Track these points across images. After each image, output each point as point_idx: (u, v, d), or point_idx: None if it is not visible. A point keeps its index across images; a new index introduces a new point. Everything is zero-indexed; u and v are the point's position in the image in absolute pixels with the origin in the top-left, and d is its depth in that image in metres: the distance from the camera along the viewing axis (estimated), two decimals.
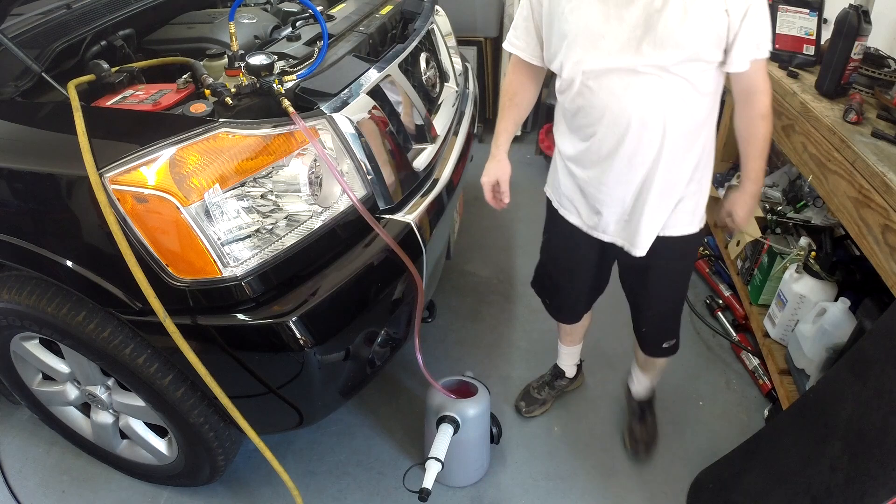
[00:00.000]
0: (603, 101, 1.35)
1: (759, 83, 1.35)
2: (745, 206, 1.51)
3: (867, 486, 1.25)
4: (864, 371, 1.37)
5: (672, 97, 1.31)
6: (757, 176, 1.47)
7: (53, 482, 1.88)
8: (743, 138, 1.43)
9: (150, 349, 1.41)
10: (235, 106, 1.35)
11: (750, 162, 1.45)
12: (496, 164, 1.61)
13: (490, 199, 1.64)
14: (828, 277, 1.95)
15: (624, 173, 1.42)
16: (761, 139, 1.40)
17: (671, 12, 1.22)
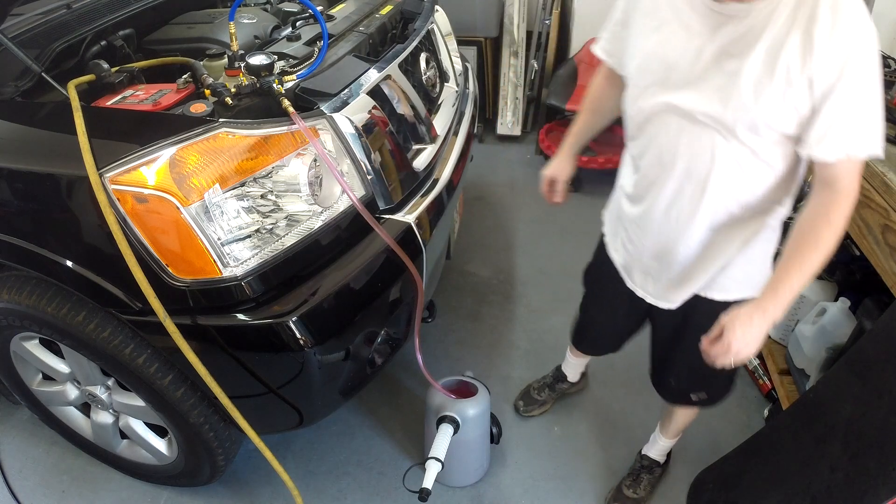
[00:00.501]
0: (654, 134, 1.22)
1: (842, 183, 1.06)
2: (748, 326, 1.10)
3: (867, 486, 1.25)
4: (864, 371, 1.37)
5: (727, 159, 1.14)
6: (784, 293, 1.10)
7: (53, 482, 1.88)
8: (794, 236, 1.11)
9: (150, 349, 1.41)
10: (235, 106, 1.35)
11: (785, 271, 1.10)
12: (556, 162, 1.57)
13: (544, 191, 1.61)
14: (828, 277, 1.95)
15: (661, 222, 1.28)
16: (814, 248, 1.08)
17: (750, 64, 1.05)
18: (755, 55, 1.05)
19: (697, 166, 1.17)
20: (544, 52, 3.58)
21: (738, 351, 1.12)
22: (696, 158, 1.17)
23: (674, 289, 1.37)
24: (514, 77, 3.60)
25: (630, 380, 2.21)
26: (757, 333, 1.11)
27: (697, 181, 1.19)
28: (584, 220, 3.03)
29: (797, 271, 1.09)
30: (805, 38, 1.00)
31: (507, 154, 3.64)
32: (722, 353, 1.14)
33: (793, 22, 1.02)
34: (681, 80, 1.14)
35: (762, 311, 1.11)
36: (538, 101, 3.70)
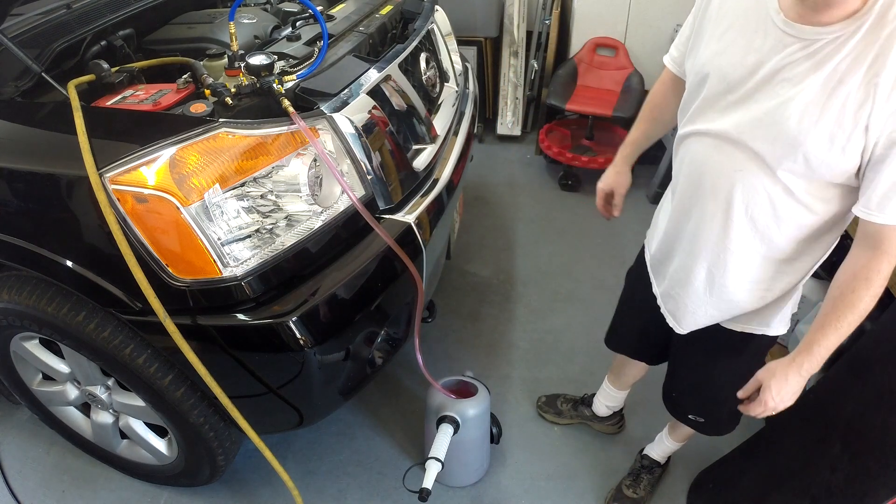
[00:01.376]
0: (691, 146, 1.20)
1: (888, 245, 1.02)
2: (783, 383, 1.13)
3: (867, 486, 1.25)
4: (864, 371, 1.37)
5: (757, 188, 1.09)
6: (819, 352, 1.10)
7: (53, 482, 1.88)
8: (831, 293, 1.10)
9: (150, 349, 1.41)
10: (235, 106, 1.35)
11: (820, 330, 1.10)
12: (613, 173, 1.51)
13: (600, 206, 1.55)
14: (828, 277, 1.95)
15: (690, 242, 1.25)
16: (850, 308, 1.07)
17: (804, 93, 0.99)
18: (811, 84, 0.99)
19: (724, 187, 1.13)
20: (544, 52, 3.58)
21: (774, 407, 1.15)
22: (723, 178, 1.13)
23: (691, 311, 1.32)
24: (514, 77, 3.60)
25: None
26: (792, 390, 1.14)
27: (723, 205, 1.14)
28: (583, 220, 3.03)
29: (833, 331, 1.09)
30: (868, 80, 0.95)
31: (507, 154, 3.64)
32: (758, 409, 1.17)
33: (860, 59, 0.95)
34: (730, 94, 1.10)
35: (797, 369, 1.12)
36: (538, 101, 3.70)
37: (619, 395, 1.92)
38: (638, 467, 1.85)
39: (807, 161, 1.02)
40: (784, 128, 1.02)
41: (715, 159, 1.14)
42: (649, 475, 1.84)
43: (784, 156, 1.04)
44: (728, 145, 1.11)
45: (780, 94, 1.03)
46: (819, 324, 1.11)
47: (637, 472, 1.84)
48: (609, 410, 1.97)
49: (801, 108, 1.00)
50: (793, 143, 1.02)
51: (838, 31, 0.97)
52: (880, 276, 1.04)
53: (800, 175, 1.05)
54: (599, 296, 2.55)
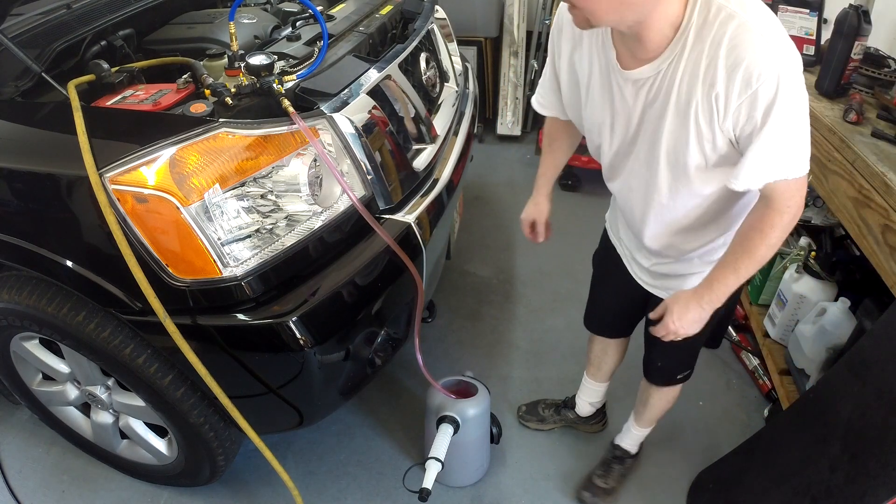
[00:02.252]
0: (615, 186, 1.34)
1: (777, 201, 1.10)
2: (685, 311, 1.23)
3: (867, 486, 1.25)
4: (864, 371, 1.37)
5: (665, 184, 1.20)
6: (718, 288, 1.19)
7: (53, 482, 1.88)
8: (733, 240, 1.19)
9: (150, 349, 1.41)
10: (235, 106, 1.35)
11: (720, 270, 1.19)
12: (533, 206, 1.60)
13: (527, 234, 1.63)
14: (828, 277, 1.95)
15: (629, 213, 1.37)
16: (747, 255, 1.15)
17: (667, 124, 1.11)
18: (669, 117, 1.09)
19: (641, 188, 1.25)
20: (544, 52, 3.58)
21: (675, 331, 1.26)
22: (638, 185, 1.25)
23: (658, 279, 1.43)
24: (514, 77, 3.60)
25: (630, 380, 2.21)
26: (692, 318, 1.24)
27: (646, 186, 1.24)
28: (583, 220, 3.03)
29: (732, 272, 1.18)
30: (706, 92, 1.03)
31: (507, 154, 3.64)
32: (661, 331, 1.28)
33: (694, 74, 1.03)
34: (621, 147, 1.24)
35: (697, 300, 1.23)
36: None
37: (600, 388, 1.93)
38: (609, 458, 1.87)
39: (697, 169, 1.13)
40: (664, 156, 1.14)
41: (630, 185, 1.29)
42: (620, 465, 1.85)
43: (678, 171, 1.16)
44: (639, 184, 1.25)
45: (650, 133, 1.15)
46: (721, 264, 1.20)
47: (608, 462, 1.86)
48: (592, 408, 1.98)
49: (669, 138, 1.12)
50: (677, 163, 1.14)
51: (666, 59, 1.06)
52: (773, 229, 1.11)
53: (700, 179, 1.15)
54: None
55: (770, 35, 0.97)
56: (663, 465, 1.92)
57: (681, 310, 1.24)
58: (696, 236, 1.31)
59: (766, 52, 0.97)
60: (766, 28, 0.97)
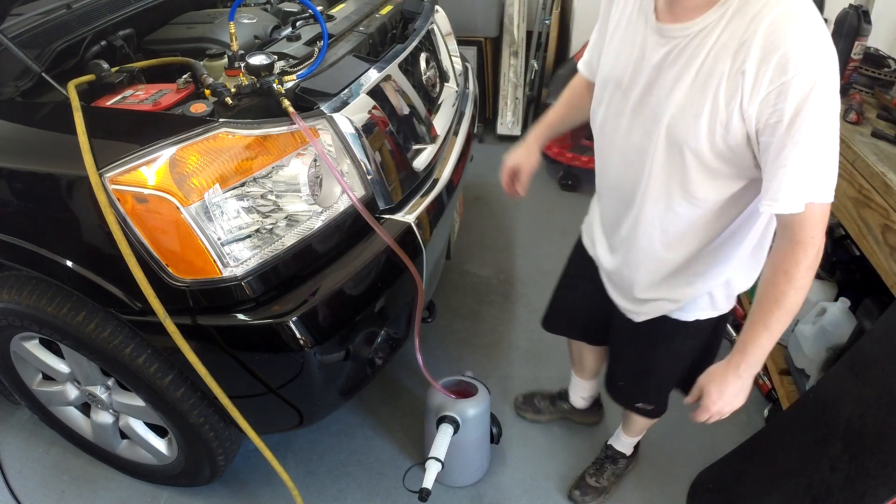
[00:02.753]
0: (605, 133, 1.24)
1: (800, 233, 0.99)
2: (723, 386, 1.13)
3: (867, 486, 1.25)
4: (864, 371, 1.37)
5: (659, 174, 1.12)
6: (754, 352, 1.09)
7: (53, 482, 1.88)
8: (759, 291, 1.09)
9: (150, 349, 1.41)
10: (235, 106, 1.35)
11: (751, 330, 1.09)
12: (524, 151, 1.49)
13: (505, 183, 1.52)
14: (828, 277, 1.95)
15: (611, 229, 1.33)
16: (776, 306, 1.04)
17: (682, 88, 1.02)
18: (684, 83, 1.02)
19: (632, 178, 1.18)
20: (544, 52, 3.58)
21: (719, 411, 1.14)
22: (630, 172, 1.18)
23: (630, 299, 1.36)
24: (514, 77, 3.60)
25: None
26: (734, 391, 1.13)
27: (632, 191, 1.19)
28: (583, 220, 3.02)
29: (763, 329, 1.07)
30: (735, 69, 0.95)
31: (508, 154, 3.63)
32: (703, 415, 1.16)
33: (725, 49, 0.96)
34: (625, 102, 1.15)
35: (734, 370, 1.12)
36: (538, 101, 3.69)
37: (588, 384, 1.92)
38: (602, 457, 1.85)
39: (696, 155, 1.04)
40: (667, 129, 1.06)
41: (619, 168, 1.21)
42: (613, 465, 1.83)
43: (674, 154, 1.07)
44: (631, 153, 1.16)
45: (660, 98, 1.06)
46: (750, 322, 1.10)
47: (601, 461, 1.84)
48: (586, 402, 1.97)
49: (677, 109, 1.03)
50: (677, 141, 1.05)
51: (701, 22, 0.99)
52: (798, 267, 1.00)
53: (696, 174, 1.07)
54: None
55: (816, 29, 0.90)
56: (663, 465, 1.92)
57: (719, 387, 1.13)
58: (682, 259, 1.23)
59: (809, 44, 0.89)
60: (812, 21, 0.91)
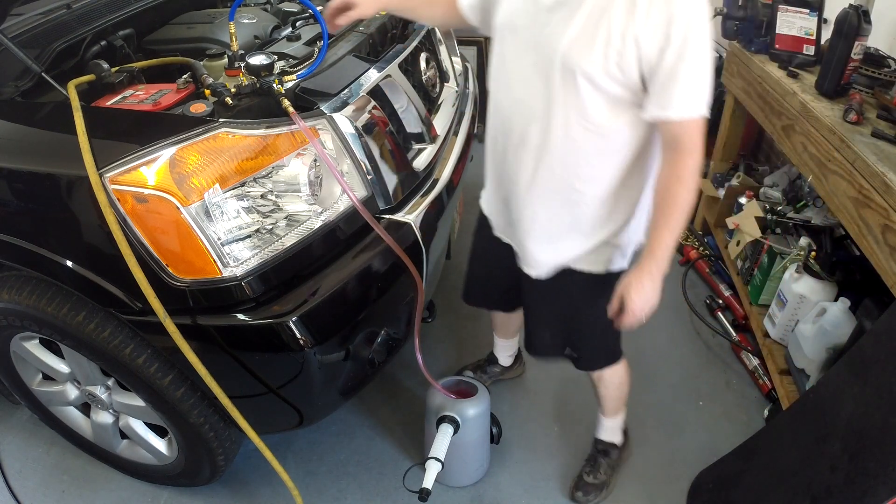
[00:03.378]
0: (501, 82, 1.30)
1: (685, 142, 1.15)
2: (640, 290, 1.25)
3: (867, 486, 1.25)
4: (864, 371, 1.37)
5: (557, 112, 1.20)
6: (661, 253, 1.23)
7: (53, 482, 1.88)
8: (655, 201, 1.24)
9: (150, 349, 1.41)
10: (235, 106, 1.35)
11: (655, 233, 1.23)
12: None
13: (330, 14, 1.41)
14: (828, 277, 1.95)
15: (508, 179, 1.36)
16: (674, 207, 1.19)
17: (577, 21, 1.12)
18: (579, 18, 1.12)
19: (526, 128, 1.24)
20: None
21: (640, 312, 1.28)
22: (523, 120, 1.25)
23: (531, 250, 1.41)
24: None
25: None
26: (651, 292, 1.26)
27: (532, 128, 1.24)
28: None
29: (666, 231, 1.21)
30: (629, 3, 1.07)
31: None
32: (629, 319, 1.29)
33: None
34: (520, 42, 1.23)
35: (647, 273, 1.25)
36: None
37: (512, 342, 2.09)
38: (594, 453, 1.86)
39: (590, 80, 1.14)
40: (559, 54, 1.14)
41: (516, 106, 1.26)
42: (606, 458, 1.84)
43: (567, 80, 1.16)
44: (529, 89, 1.22)
45: (554, 34, 1.15)
46: (653, 229, 1.24)
47: (594, 457, 1.85)
48: (511, 358, 2.14)
49: (571, 39, 1.12)
50: (568, 68, 1.14)
51: None
52: (688, 171, 1.16)
53: (590, 99, 1.16)
54: None
55: None
56: (663, 465, 1.92)
57: (637, 290, 1.26)
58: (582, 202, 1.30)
59: None
60: None
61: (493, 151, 1.41)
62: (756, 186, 2.47)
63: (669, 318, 2.48)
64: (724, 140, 2.69)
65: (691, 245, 2.77)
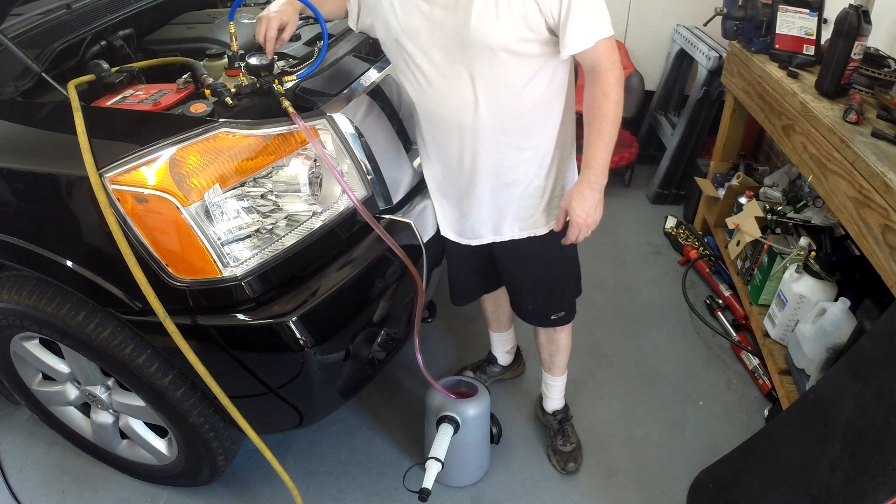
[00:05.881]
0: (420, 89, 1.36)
1: (602, 63, 1.29)
2: (582, 200, 1.36)
3: (867, 486, 1.25)
4: (864, 371, 1.37)
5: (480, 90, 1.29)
6: (598, 164, 1.34)
7: (53, 482, 1.88)
8: (586, 120, 1.35)
9: (150, 349, 1.41)
10: (235, 106, 1.35)
11: (591, 147, 1.34)
12: (287, 7, 1.43)
13: (261, 35, 1.40)
14: (828, 277, 1.95)
15: (455, 171, 1.43)
16: (603, 120, 1.31)
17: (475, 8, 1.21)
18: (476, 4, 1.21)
19: (457, 104, 1.31)
20: None
21: (586, 223, 1.39)
22: (454, 98, 1.31)
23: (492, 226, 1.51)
24: None
25: (629, 378, 2.21)
26: (593, 202, 1.37)
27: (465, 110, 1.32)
28: None
29: (601, 142, 1.32)
30: None
31: None
32: (576, 231, 1.40)
33: None
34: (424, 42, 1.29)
35: (587, 185, 1.36)
36: None
37: (507, 336, 2.09)
38: (556, 425, 1.95)
39: (509, 51, 1.24)
40: (472, 38, 1.22)
41: (442, 101, 1.33)
42: (568, 423, 1.96)
43: (485, 58, 1.25)
44: (445, 80, 1.30)
45: (458, 20, 1.23)
46: (587, 144, 1.35)
47: (562, 429, 1.94)
48: (510, 356, 2.15)
49: (477, 20, 1.21)
50: (484, 46, 1.23)
51: None
52: (612, 86, 1.29)
53: (513, 65, 1.26)
54: (599, 296, 2.55)
55: None
56: (663, 465, 1.93)
57: (579, 203, 1.36)
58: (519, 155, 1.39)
59: None
60: None
61: (429, 151, 1.48)
62: (756, 186, 2.47)
63: (669, 318, 2.48)
64: (724, 140, 2.69)
65: (691, 245, 2.77)
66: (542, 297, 1.68)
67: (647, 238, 2.95)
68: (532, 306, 1.71)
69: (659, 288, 2.65)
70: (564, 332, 1.81)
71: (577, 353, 2.30)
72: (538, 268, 1.61)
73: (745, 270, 2.35)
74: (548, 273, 1.63)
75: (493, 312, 2.00)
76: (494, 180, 1.42)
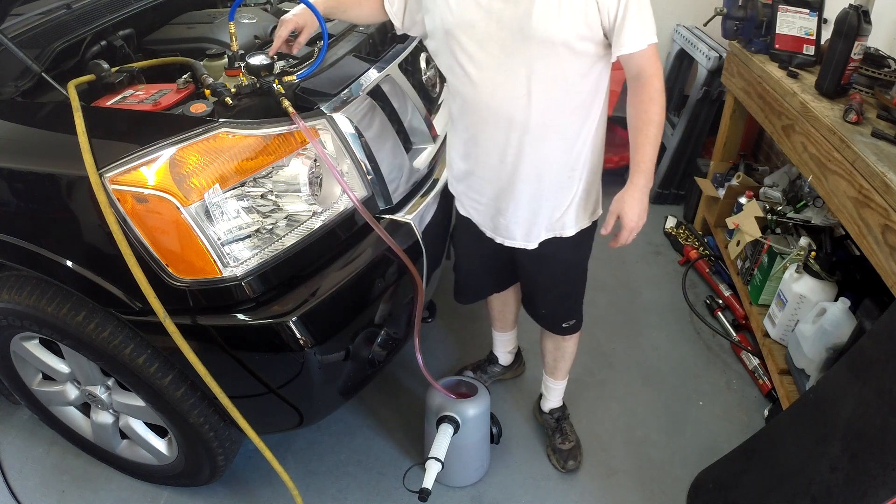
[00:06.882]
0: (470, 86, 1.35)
1: (647, 68, 1.32)
2: (635, 205, 1.38)
3: (867, 486, 1.25)
4: (864, 371, 1.37)
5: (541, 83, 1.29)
6: (647, 167, 1.37)
7: (53, 482, 1.88)
8: (633, 125, 1.37)
9: (150, 349, 1.41)
10: (235, 106, 1.35)
11: (640, 151, 1.36)
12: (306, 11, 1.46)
13: (279, 44, 1.46)
14: (828, 277, 1.95)
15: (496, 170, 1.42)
16: (650, 124, 1.33)
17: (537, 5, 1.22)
18: None
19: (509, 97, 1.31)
20: None
21: (637, 226, 1.40)
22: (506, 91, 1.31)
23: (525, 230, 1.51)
24: None
25: (629, 378, 2.21)
26: (644, 206, 1.39)
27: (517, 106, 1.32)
28: None
29: (648, 145, 1.35)
30: None
31: None
32: (625, 234, 1.41)
33: None
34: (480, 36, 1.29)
35: (637, 187, 1.38)
36: None
37: (510, 336, 2.09)
38: (554, 423, 1.96)
39: (568, 48, 1.26)
40: (532, 31, 1.23)
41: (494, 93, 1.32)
42: (566, 421, 1.97)
43: (544, 52, 1.26)
44: (500, 73, 1.30)
45: (518, 13, 1.24)
46: (635, 147, 1.37)
47: (559, 428, 1.95)
48: (511, 356, 2.15)
49: (539, 14, 1.22)
50: (545, 40, 1.24)
51: None
52: (657, 91, 1.32)
53: (570, 62, 1.28)
54: (599, 296, 2.55)
55: None
56: (663, 465, 1.93)
57: (631, 207, 1.38)
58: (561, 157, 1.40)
59: None
60: None
61: (467, 147, 1.45)
62: (756, 186, 2.47)
63: (669, 319, 2.48)
64: (724, 140, 2.69)
65: (691, 245, 2.77)
66: (556, 301, 1.69)
67: (647, 238, 2.95)
68: (545, 310, 1.72)
69: (659, 288, 2.65)
70: (572, 340, 1.82)
71: (578, 353, 2.30)
72: (556, 271, 1.61)
73: (745, 270, 2.35)
74: (565, 278, 1.65)
75: (500, 311, 2.00)
76: (534, 176, 1.41)
